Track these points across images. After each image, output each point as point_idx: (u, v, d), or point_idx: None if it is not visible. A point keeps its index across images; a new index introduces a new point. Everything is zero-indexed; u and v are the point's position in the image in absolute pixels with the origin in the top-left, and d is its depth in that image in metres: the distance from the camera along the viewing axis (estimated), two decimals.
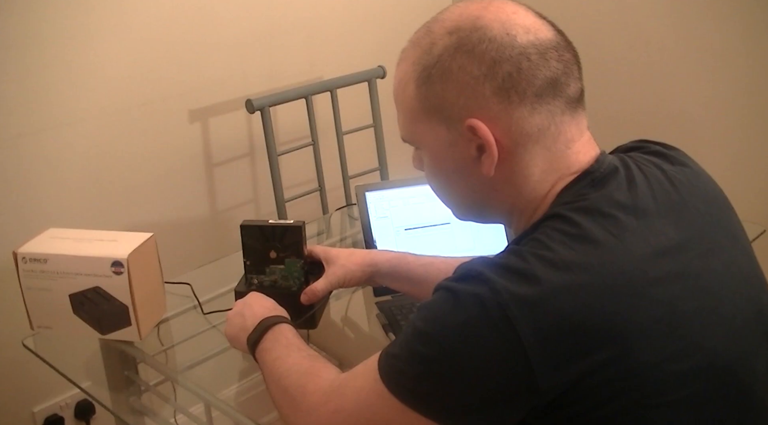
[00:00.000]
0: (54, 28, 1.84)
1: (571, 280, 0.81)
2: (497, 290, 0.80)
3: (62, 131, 1.91)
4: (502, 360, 0.80)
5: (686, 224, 0.91)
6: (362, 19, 2.50)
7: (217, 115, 2.21)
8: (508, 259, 0.84)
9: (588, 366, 0.79)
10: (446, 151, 0.94)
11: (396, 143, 1.67)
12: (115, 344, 1.39)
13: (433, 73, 0.91)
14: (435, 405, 0.85)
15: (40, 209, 1.91)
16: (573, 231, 0.85)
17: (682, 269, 0.86)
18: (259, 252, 1.36)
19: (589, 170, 0.92)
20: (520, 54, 0.88)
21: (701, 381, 0.84)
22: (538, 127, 0.90)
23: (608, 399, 0.81)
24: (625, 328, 0.80)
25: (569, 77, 0.91)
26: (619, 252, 0.84)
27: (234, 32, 2.18)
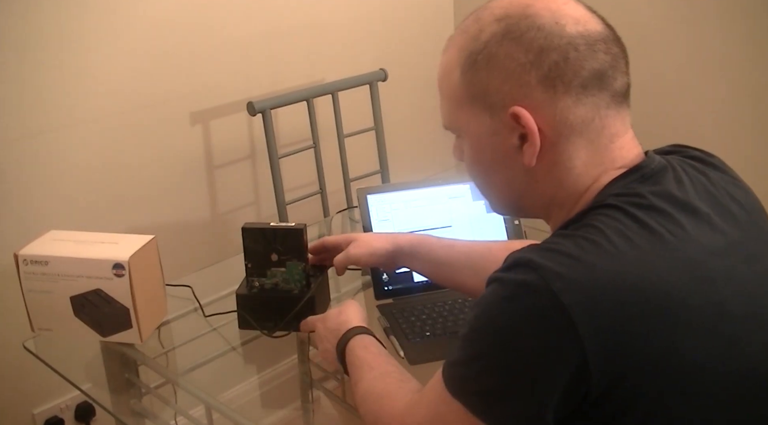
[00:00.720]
0: (55, 31, 1.84)
1: (627, 270, 0.80)
2: (549, 277, 0.78)
3: (63, 134, 1.91)
4: (557, 349, 0.78)
5: (731, 228, 0.90)
6: (364, 23, 2.50)
7: (218, 117, 2.21)
8: (560, 244, 0.83)
9: (639, 357, 0.79)
10: (488, 139, 0.93)
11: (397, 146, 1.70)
12: (116, 346, 1.39)
13: (479, 59, 0.90)
14: (492, 406, 0.83)
15: (41, 212, 1.91)
16: (628, 222, 0.84)
17: (729, 271, 0.86)
18: (260, 255, 1.36)
19: (640, 165, 0.91)
20: (569, 44, 0.87)
21: (741, 386, 0.84)
22: (582, 119, 0.89)
23: (652, 396, 0.80)
24: (676, 324, 0.80)
25: (616, 71, 0.90)
26: (674, 248, 0.83)
27: (235, 35, 2.18)
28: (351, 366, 1.15)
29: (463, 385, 0.86)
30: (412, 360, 1.33)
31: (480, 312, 0.84)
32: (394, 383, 1.06)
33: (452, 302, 1.48)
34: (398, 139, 2.52)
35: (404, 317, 1.44)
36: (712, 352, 0.82)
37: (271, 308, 1.37)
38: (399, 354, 1.35)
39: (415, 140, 2.73)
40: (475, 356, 0.84)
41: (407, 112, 2.67)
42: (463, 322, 1.42)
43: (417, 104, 2.71)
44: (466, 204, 1.61)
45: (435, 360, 1.32)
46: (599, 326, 0.78)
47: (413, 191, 1.61)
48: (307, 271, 1.37)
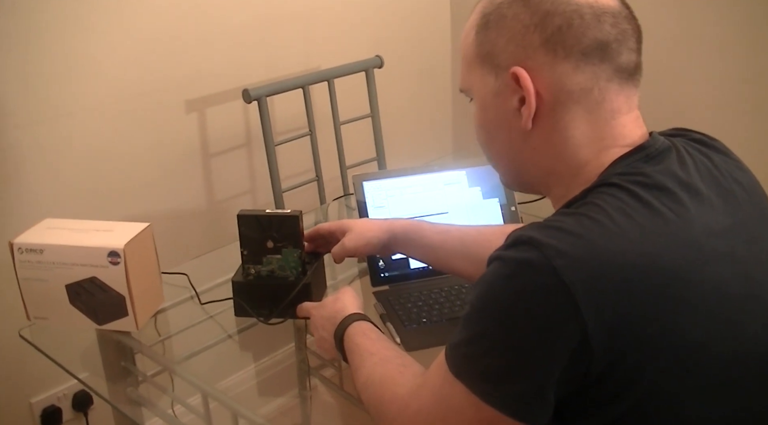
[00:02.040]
0: (49, 20, 1.83)
1: (629, 248, 0.80)
2: (551, 255, 0.79)
3: (59, 122, 1.90)
4: (558, 327, 0.79)
5: (732, 210, 0.90)
6: (360, 9, 2.49)
7: (214, 105, 2.20)
8: (563, 221, 0.83)
9: (640, 335, 0.79)
10: (492, 100, 0.95)
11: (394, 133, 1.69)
12: (112, 334, 1.39)
13: (491, 19, 0.93)
14: (493, 385, 0.83)
15: (37, 200, 1.90)
16: (631, 202, 0.84)
17: (730, 252, 0.86)
18: (256, 242, 1.36)
19: (644, 145, 0.92)
20: (574, 11, 0.89)
21: (741, 367, 0.85)
22: (581, 87, 0.90)
23: (652, 375, 0.81)
24: (678, 303, 0.81)
25: (622, 46, 0.91)
26: (677, 227, 0.84)
27: (231, 22, 2.17)
28: (350, 354, 1.15)
29: (466, 366, 0.86)
30: (409, 346, 1.33)
31: (481, 291, 0.85)
32: (395, 368, 1.06)
33: (448, 288, 1.48)
34: (394, 126, 2.52)
35: (400, 304, 1.44)
36: (712, 332, 0.82)
37: (266, 295, 1.37)
38: (396, 341, 1.35)
39: (411, 126, 2.73)
40: (477, 335, 0.84)
41: (403, 99, 2.66)
42: (459, 308, 1.42)
43: (413, 91, 2.70)
44: (462, 190, 1.61)
45: (432, 347, 1.32)
46: (600, 303, 0.78)
47: (409, 177, 1.61)
48: (303, 258, 1.37)
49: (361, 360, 1.11)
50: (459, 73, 1.02)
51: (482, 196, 1.60)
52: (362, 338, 1.15)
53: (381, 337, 1.15)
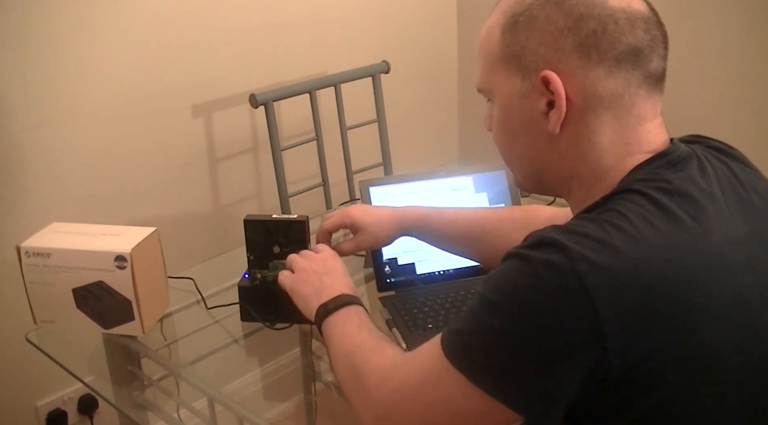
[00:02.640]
0: (57, 24, 1.84)
1: (651, 255, 0.80)
2: (575, 259, 0.79)
3: (66, 126, 1.91)
4: (576, 332, 0.79)
5: (751, 219, 0.90)
6: (366, 14, 2.49)
7: (220, 110, 2.21)
8: (586, 227, 0.83)
9: (659, 343, 0.79)
10: (517, 102, 0.94)
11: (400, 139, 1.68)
12: (118, 338, 1.39)
13: (520, 20, 0.91)
14: (500, 379, 0.83)
15: (43, 204, 1.91)
16: (653, 208, 0.84)
17: (750, 261, 0.86)
18: (262, 247, 1.36)
19: (665, 151, 0.92)
20: (609, 15, 0.88)
21: (759, 376, 0.85)
22: (612, 92, 0.89)
23: (670, 382, 0.81)
24: (698, 311, 0.81)
25: (653, 52, 0.90)
26: (698, 235, 0.84)
27: (238, 27, 2.18)
28: (349, 319, 1.12)
29: (468, 355, 0.85)
30: None
31: (499, 285, 0.84)
32: (388, 343, 1.05)
33: (455, 294, 1.47)
34: (401, 131, 2.52)
35: (406, 310, 1.44)
36: (731, 340, 0.82)
37: (272, 300, 1.37)
38: (402, 347, 1.35)
39: (417, 132, 2.73)
40: (488, 329, 0.83)
41: (410, 104, 2.67)
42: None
43: (419, 96, 2.71)
44: (469, 196, 1.61)
45: None
46: (621, 310, 0.78)
47: (415, 183, 1.61)
48: None
49: (359, 331, 1.09)
50: (467, 77, 1.02)
51: (489, 202, 1.60)
52: (367, 318, 1.13)
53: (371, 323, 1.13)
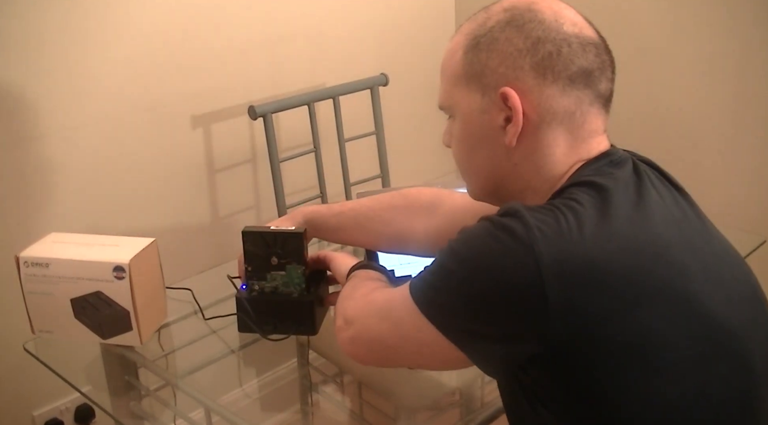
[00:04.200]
0: (58, 34, 1.85)
1: (598, 232, 0.87)
2: (530, 226, 0.86)
3: (65, 136, 1.92)
4: (520, 291, 0.84)
5: (681, 208, 0.99)
6: (365, 27, 2.50)
7: (219, 121, 2.22)
8: (541, 209, 0.90)
9: (602, 313, 0.84)
10: (477, 117, 1.01)
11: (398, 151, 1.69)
12: (116, 348, 1.39)
13: (482, 41, 0.99)
14: (449, 320, 0.91)
15: (43, 214, 1.91)
16: (598, 195, 0.91)
17: (687, 240, 0.93)
18: (260, 258, 1.37)
19: (607, 152, 1.00)
20: (563, 40, 0.96)
21: (707, 343, 0.88)
22: (565, 109, 0.97)
23: (617, 354, 0.84)
24: (643, 283, 0.86)
25: (602, 75, 0.99)
26: (642, 215, 0.91)
27: (237, 39, 2.19)
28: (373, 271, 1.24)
29: (424, 289, 0.94)
30: None
31: (464, 239, 0.91)
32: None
33: None
34: (399, 143, 2.53)
35: None
36: (676, 311, 0.87)
37: (269, 311, 1.37)
38: None
39: (415, 144, 2.74)
40: (446, 272, 0.91)
41: (408, 116, 2.68)
42: None
43: (418, 109, 2.72)
44: None
45: None
46: (564, 278, 0.83)
47: None
48: (307, 275, 1.37)
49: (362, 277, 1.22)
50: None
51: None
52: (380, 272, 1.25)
53: None
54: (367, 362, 1.10)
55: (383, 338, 1.02)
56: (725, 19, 2.12)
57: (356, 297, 1.14)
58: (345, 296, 1.18)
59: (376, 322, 1.04)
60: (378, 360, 1.09)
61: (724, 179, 2.12)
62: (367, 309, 1.07)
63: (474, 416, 1.25)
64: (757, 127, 2.13)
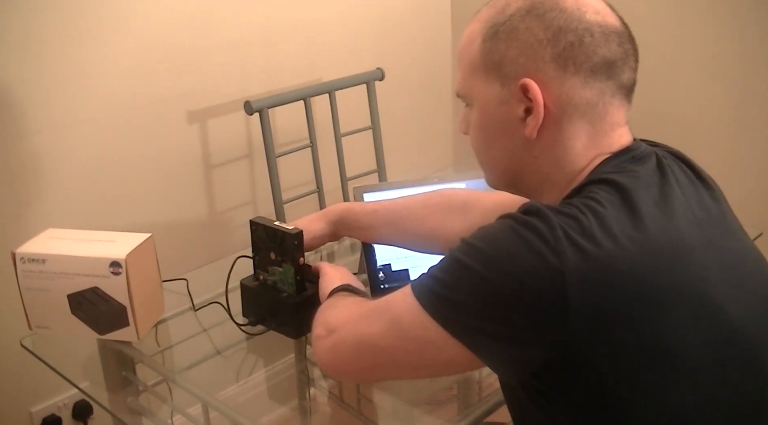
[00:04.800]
0: (53, 30, 1.84)
1: (620, 232, 0.84)
2: (554, 226, 0.83)
3: (61, 132, 1.91)
4: (542, 294, 0.81)
5: (705, 208, 0.95)
6: (361, 22, 2.50)
7: (215, 116, 2.21)
8: (563, 207, 0.88)
9: (622, 318, 0.82)
10: (495, 108, 0.98)
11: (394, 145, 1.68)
12: (113, 344, 1.39)
13: (501, 30, 0.96)
14: (461, 318, 0.87)
15: (39, 210, 1.91)
16: (619, 194, 0.89)
17: (708, 242, 0.91)
18: (263, 251, 1.37)
19: (630, 147, 0.97)
20: (585, 29, 0.93)
21: (725, 348, 0.87)
22: (587, 101, 0.94)
23: (634, 360, 0.83)
24: (665, 287, 0.84)
25: (625, 65, 0.96)
26: (662, 217, 0.88)
27: (233, 34, 2.18)
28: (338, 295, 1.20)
29: (432, 286, 0.89)
30: None
31: (483, 234, 0.88)
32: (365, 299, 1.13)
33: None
34: (395, 138, 2.53)
35: None
36: (696, 315, 0.85)
37: (263, 304, 1.38)
38: None
39: (411, 139, 2.74)
40: (461, 267, 0.87)
41: (404, 111, 2.68)
42: None
43: (414, 103, 2.72)
44: None
45: None
46: (586, 279, 0.81)
47: (410, 189, 1.61)
48: (298, 278, 1.35)
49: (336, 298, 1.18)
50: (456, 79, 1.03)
51: None
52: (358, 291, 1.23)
53: None
54: (346, 372, 1.05)
55: (375, 340, 0.95)
56: (728, 19, 2.12)
57: (340, 306, 1.10)
58: (327, 306, 1.14)
59: (367, 324, 0.98)
60: (361, 369, 1.01)
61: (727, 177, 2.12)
62: (356, 313, 1.03)
63: (471, 410, 1.25)
64: (760, 125, 2.13)
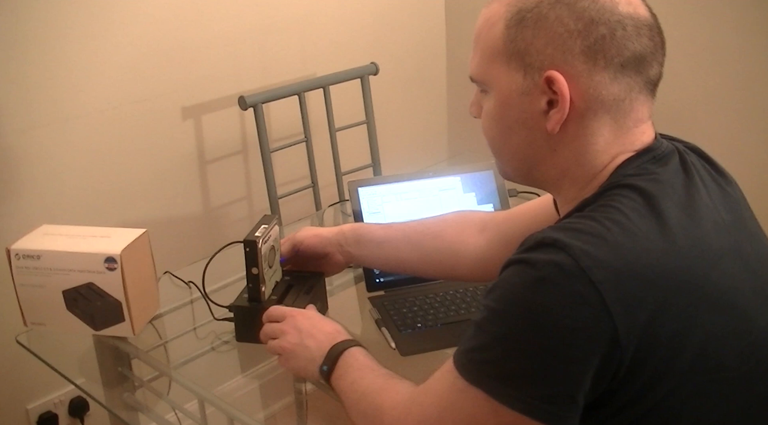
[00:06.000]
0: (47, 27, 1.84)
1: (650, 246, 0.82)
2: (577, 256, 0.79)
3: (56, 128, 1.91)
4: (588, 327, 0.79)
5: (731, 209, 0.93)
6: (355, 16, 2.50)
7: (210, 112, 2.21)
8: (583, 224, 0.84)
9: (665, 333, 0.80)
10: (516, 98, 0.93)
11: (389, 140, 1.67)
12: (109, 340, 1.39)
13: (528, 17, 0.91)
14: (519, 390, 0.82)
15: (33, 206, 1.91)
16: (645, 202, 0.86)
17: (737, 248, 0.89)
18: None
19: (651, 147, 0.93)
20: (618, 22, 0.88)
21: (756, 359, 0.86)
22: (614, 97, 0.90)
23: (677, 370, 0.82)
24: (698, 299, 0.82)
25: (654, 59, 0.92)
26: (689, 225, 0.86)
27: (227, 29, 2.18)
28: (349, 368, 1.10)
29: (485, 370, 0.84)
30: (404, 351, 1.34)
31: (505, 293, 0.84)
32: (395, 378, 1.05)
33: (443, 293, 1.48)
34: (390, 132, 2.53)
35: (396, 309, 1.45)
36: (729, 327, 0.84)
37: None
38: (390, 346, 1.36)
39: (406, 133, 2.74)
40: (500, 338, 0.83)
41: (398, 105, 2.67)
42: (455, 313, 1.43)
43: (408, 98, 2.72)
44: (457, 196, 1.62)
45: (427, 351, 1.33)
46: (628, 302, 0.79)
47: (404, 183, 1.62)
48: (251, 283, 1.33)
49: (362, 375, 1.08)
50: (455, 78, 1.02)
51: (477, 202, 1.61)
52: (366, 358, 1.12)
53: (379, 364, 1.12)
54: None
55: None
56: (729, 16, 2.11)
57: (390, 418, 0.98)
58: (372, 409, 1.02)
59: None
60: None
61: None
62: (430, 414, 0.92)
63: None
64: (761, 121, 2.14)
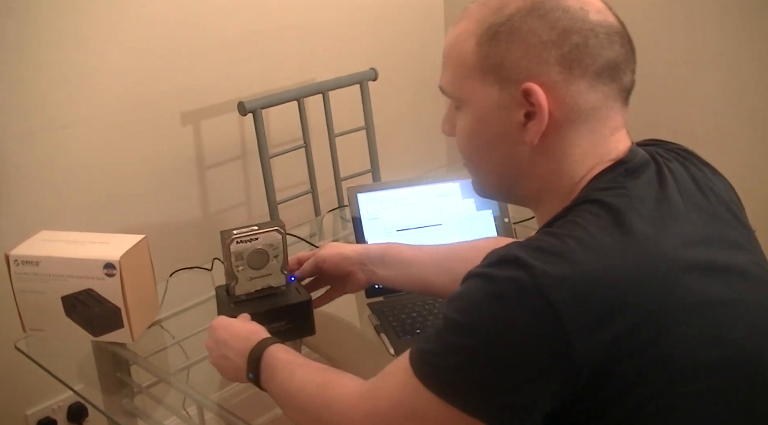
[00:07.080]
0: (47, 32, 1.84)
1: (611, 263, 0.81)
2: (536, 274, 0.79)
3: (55, 134, 1.91)
4: (543, 345, 0.79)
5: (709, 220, 0.92)
6: (354, 22, 2.50)
7: (209, 117, 2.21)
8: (544, 241, 0.84)
9: (626, 348, 0.80)
10: (493, 113, 0.93)
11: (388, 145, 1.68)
12: (108, 346, 1.39)
13: (501, 31, 0.90)
14: (473, 397, 0.83)
15: (33, 212, 1.91)
16: (610, 218, 0.85)
17: (709, 261, 0.87)
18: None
19: (624, 159, 0.92)
20: (590, 30, 0.89)
21: (727, 372, 0.85)
22: (591, 105, 0.90)
23: (639, 386, 0.81)
24: (660, 313, 0.81)
25: (627, 67, 0.92)
26: (656, 239, 0.85)
27: (226, 35, 2.18)
28: (274, 368, 1.09)
29: (441, 376, 0.85)
30: None
31: (465, 306, 0.84)
32: (334, 373, 1.04)
33: (442, 300, 1.48)
34: (389, 138, 2.53)
35: (394, 315, 1.45)
36: (695, 341, 0.83)
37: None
38: (389, 352, 1.36)
39: (405, 138, 2.74)
40: (458, 349, 0.83)
41: (397, 111, 2.68)
42: None
43: (407, 103, 2.72)
44: (456, 202, 1.62)
45: None
46: (585, 320, 0.78)
47: (403, 189, 1.62)
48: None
49: (292, 369, 1.07)
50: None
51: (476, 208, 1.61)
52: (286, 353, 1.11)
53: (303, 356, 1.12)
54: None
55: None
56: (715, 13, 2.12)
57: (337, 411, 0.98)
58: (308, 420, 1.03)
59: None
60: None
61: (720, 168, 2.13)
62: (375, 420, 0.93)
63: None
64: (747, 119, 2.14)
